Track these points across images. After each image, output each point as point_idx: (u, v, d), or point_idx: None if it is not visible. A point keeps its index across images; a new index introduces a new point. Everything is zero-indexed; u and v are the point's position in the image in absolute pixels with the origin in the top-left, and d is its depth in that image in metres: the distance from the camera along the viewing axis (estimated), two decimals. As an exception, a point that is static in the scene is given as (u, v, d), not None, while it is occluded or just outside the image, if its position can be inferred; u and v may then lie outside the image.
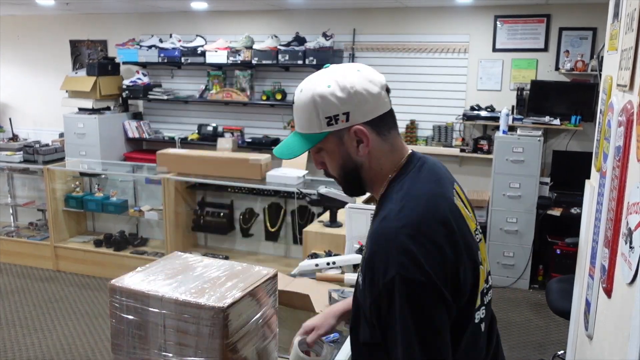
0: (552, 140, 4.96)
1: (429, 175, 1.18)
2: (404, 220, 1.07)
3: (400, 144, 1.21)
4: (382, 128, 1.16)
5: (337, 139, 1.16)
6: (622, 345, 1.39)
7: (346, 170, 1.20)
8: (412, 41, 5.21)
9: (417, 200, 1.11)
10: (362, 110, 1.13)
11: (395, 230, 1.06)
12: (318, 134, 1.15)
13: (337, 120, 1.13)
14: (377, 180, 1.20)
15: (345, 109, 1.13)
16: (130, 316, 1.28)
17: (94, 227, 5.55)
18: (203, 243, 5.27)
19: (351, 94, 1.12)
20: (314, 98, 1.14)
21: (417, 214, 1.08)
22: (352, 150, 1.16)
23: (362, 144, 1.15)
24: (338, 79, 1.14)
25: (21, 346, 3.74)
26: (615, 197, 1.59)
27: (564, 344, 3.42)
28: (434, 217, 1.08)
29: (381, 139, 1.17)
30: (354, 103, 1.12)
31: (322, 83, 1.14)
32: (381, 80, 1.17)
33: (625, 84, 1.59)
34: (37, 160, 5.22)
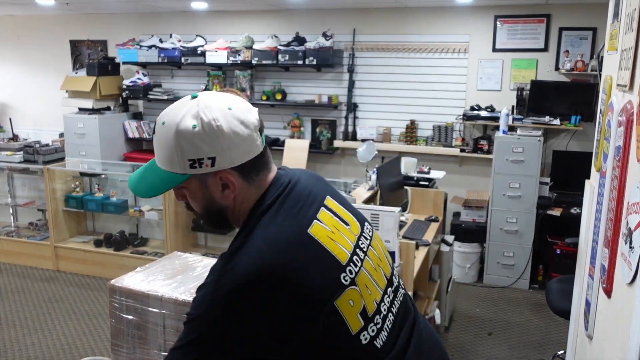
0: (552, 140, 4.96)
1: (286, 212, 1.11)
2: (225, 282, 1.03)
3: (265, 182, 1.14)
4: (250, 172, 1.10)
5: (201, 181, 1.08)
6: (622, 345, 1.39)
7: (209, 211, 1.14)
8: (412, 41, 5.22)
9: (258, 252, 1.05)
10: (230, 156, 1.05)
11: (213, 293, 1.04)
12: (180, 175, 1.07)
13: (201, 164, 1.05)
14: (242, 217, 1.15)
15: (211, 153, 1.04)
16: (130, 316, 1.28)
17: (94, 227, 5.55)
18: (203, 243, 5.27)
19: (218, 138, 1.03)
20: (177, 137, 1.04)
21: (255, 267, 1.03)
22: (216, 194, 1.10)
23: (228, 189, 1.09)
24: (205, 118, 1.04)
25: (21, 346, 3.74)
26: (615, 197, 1.59)
27: (564, 344, 3.42)
28: (257, 273, 1.02)
29: (248, 183, 1.10)
30: (221, 148, 1.04)
31: (187, 121, 1.04)
32: (253, 120, 1.08)
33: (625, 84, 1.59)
34: (37, 160, 5.21)
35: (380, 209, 2.59)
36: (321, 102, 5.47)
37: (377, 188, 3.64)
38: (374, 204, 3.59)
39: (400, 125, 5.34)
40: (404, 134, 5.32)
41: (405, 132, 5.32)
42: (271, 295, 1.01)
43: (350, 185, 4.38)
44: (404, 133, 5.33)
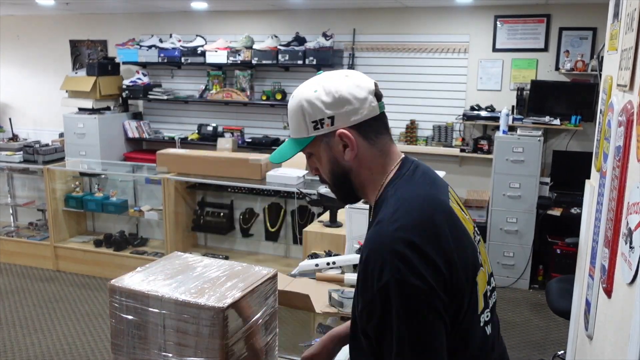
0: (552, 140, 4.96)
1: (423, 179, 1.17)
2: (398, 224, 1.05)
3: (391, 149, 1.20)
4: (369, 133, 1.16)
5: (325, 143, 1.17)
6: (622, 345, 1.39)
7: (336, 175, 1.20)
8: (412, 41, 5.21)
9: (411, 204, 1.09)
10: (347, 115, 1.13)
11: (390, 234, 1.04)
12: (306, 138, 1.18)
13: (322, 124, 1.15)
14: (369, 185, 1.19)
15: (330, 112, 1.13)
16: (130, 316, 1.27)
17: (94, 227, 5.55)
18: (203, 243, 5.27)
19: (336, 98, 1.13)
20: (302, 103, 1.16)
21: (411, 218, 1.06)
22: (339, 155, 1.16)
23: (348, 148, 1.15)
24: (325, 84, 1.15)
25: (21, 346, 3.74)
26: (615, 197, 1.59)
27: (564, 344, 3.42)
28: (428, 222, 1.06)
29: (368, 144, 1.16)
30: (338, 107, 1.13)
31: (310, 88, 1.16)
32: (369, 85, 1.17)
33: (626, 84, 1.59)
34: (37, 160, 5.21)
35: (380, 209, 2.59)
36: (321, 102, 5.46)
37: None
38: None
39: (400, 125, 5.34)
40: (404, 134, 5.32)
41: (405, 132, 5.32)
42: (440, 248, 1.04)
43: (350, 185, 4.38)
44: (404, 133, 5.33)
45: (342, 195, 1.25)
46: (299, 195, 4.30)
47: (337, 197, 1.27)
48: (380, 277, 1.01)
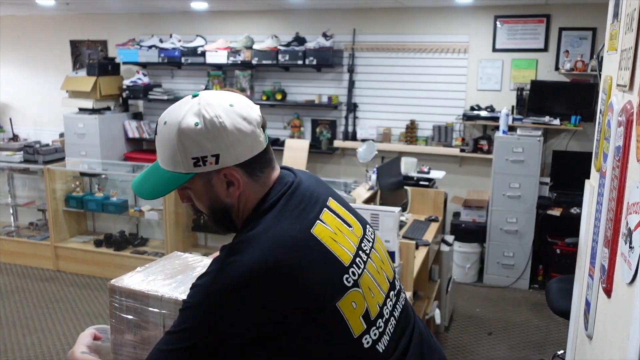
0: (552, 140, 4.96)
1: (287, 208, 1.10)
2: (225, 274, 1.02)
3: (270, 180, 1.13)
4: (255, 169, 1.09)
5: (205, 180, 1.08)
6: (622, 345, 1.39)
7: (215, 211, 1.14)
8: (412, 41, 5.22)
9: (253, 249, 1.03)
10: (234, 152, 1.05)
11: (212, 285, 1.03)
12: (184, 174, 1.07)
13: (205, 162, 1.04)
14: (243, 219, 1.15)
15: (215, 151, 1.03)
16: (130, 316, 1.28)
17: (94, 227, 5.55)
18: (203, 243, 5.27)
19: (221, 135, 1.03)
20: (180, 136, 1.03)
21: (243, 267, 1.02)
22: (221, 192, 1.09)
23: (233, 186, 1.08)
24: (207, 115, 1.03)
25: (21, 346, 3.74)
26: (615, 197, 1.59)
27: (563, 344, 3.42)
28: (261, 270, 1.01)
29: (253, 180, 1.10)
30: (224, 145, 1.03)
31: (190, 119, 1.03)
32: (256, 116, 1.09)
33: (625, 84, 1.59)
34: (37, 160, 5.22)
35: (380, 209, 2.59)
36: (321, 102, 5.47)
37: (377, 188, 3.65)
38: (374, 204, 3.59)
39: (400, 125, 5.34)
40: (404, 134, 5.32)
41: (405, 132, 5.32)
42: (272, 293, 1.00)
43: (350, 185, 4.38)
44: (404, 133, 5.33)
45: (219, 227, 1.18)
46: (299, 195, 4.29)
47: (214, 226, 1.20)
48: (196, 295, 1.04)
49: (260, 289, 1.00)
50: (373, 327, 1.10)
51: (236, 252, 1.04)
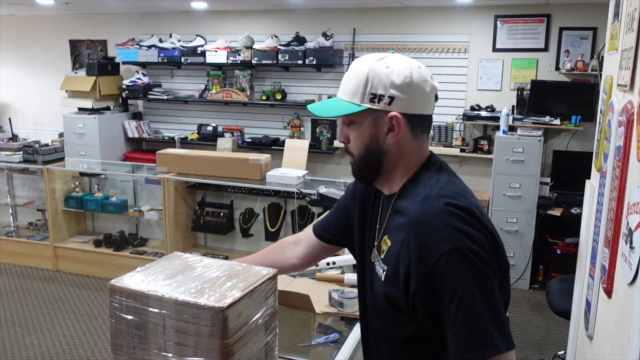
0: (553, 140, 4.96)
1: (452, 173, 1.23)
2: (448, 200, 1.10)
3: (426, 146, 1.23)
4: (416, 127, 1.18)
5: (373, 118, 1.16)
6: (623, 346, 1.39)
7: (370, 152, 1.20)
8: (412, 41, 5.21)
9: (454, 186, 1.15)
10: (407, 102, 1.15)
11: (441, 208, 1.08)
12: (358, 105, 1.16)
13: (380, 100, 1.14)
14: (398, 173, 1.21)
15: (393, 93, 1.14)
16: (129, 316, 1.27)
17: (93, 227, 5.55)
18: (203, 243, 5.27)
19: (405, 83, 1.14)
20: (370, 71, 1.14)
21: (458, 196, 1.12)
22: (381, 135, 1.17)
23: (393, 132, 1.16)
24: (399, 65, 1.15)
25: (21, 346, 3.73)
26: (616, 197, 1.59)
27: (564, 344, 3.42)
28: (471, 199, 1.14)
29: (412, 136, 1.18)
30: (403, 91, 1.14)
31: (383, 63, 1.15)
32: (434, 84, 1.19)
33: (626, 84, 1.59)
34: (36, 160, 5.21)
35: (380, 209, 2.58)
36: (321, 102, 5.46)
37: (377, 188, 3.64)
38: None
39: (400, 125, 5.33)
40: (404, 134, 5.31)
41: (405, 132, 5.31)
42: (482, 215, 1.12)
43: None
44: (404, 133, 5.32)
45: (362, 172, 1.25)
46: (299, 195, 4.30)
47: (355, 172, 1.26)
48: (438, 249, 1.04)
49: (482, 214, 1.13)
50: None
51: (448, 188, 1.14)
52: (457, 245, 1.04)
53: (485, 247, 1.06)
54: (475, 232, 1.06)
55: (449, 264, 1.03)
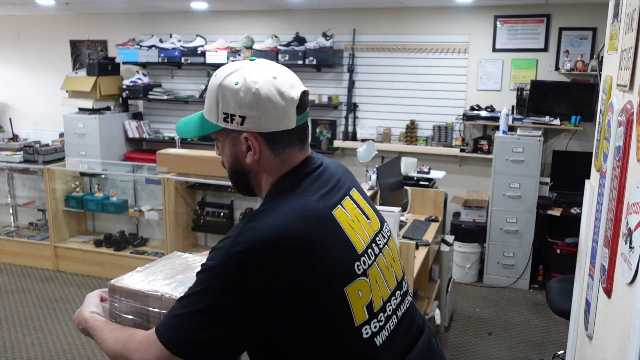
0: (552, 140, 4.96)
1: (311, 186, 1.14)
2: (243, 239, 1.05)
3: (295, 159, 1.16)
4: (276, 143, 1.13)
5: (231, 138, 1.15)
6: (622, 346, 1.39)
7: (234, 171, 1.20)
8: (412, 41, 5.21)
9: (278, 214, 1.08)
10: (259, 120, 1.10)
11: (230, 248, 1.06)
12: (214, 124, 1.15)
13: (232, 119, 1.11)
14: (264, 188, 1.19)
15: (243, 112, 1.09)
16: (130, 316, 1.27)
17: (94, 227, 5.55)
18: (203, 243, 5.27)
19: (253, 100, 1.09)
20: (219, 89, 1.12)
21: (267, 232, 1.05)
22: (241, 154, 1.15)
23: (251, 152, 1.13)
24: (249, 78, 1.10)
25: (21, 346, 3.74)
26: (615, 197, 1.59)
27: (564, 344, 3.42)
28: (285, 234, 1.05)
29: (272, 154, 1.14)
30: (252, 110, 1.09)
31: (233, 78, 1.11)
32: (294, 95, 1.11)
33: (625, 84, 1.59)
34: (37, 160, 5.21)
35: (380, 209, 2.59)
36: (321, 102, 5.47)
37: (377, 188, 3.65)
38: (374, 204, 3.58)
39: (400, 125, 5.34)
40: (404, 134, 5.32)
41: (405, 132, 5.32)
42: (287, 262, 1.03)
43: (350, 185, 4.38)
44: (403, 133, 5.33)
45: (238, 188, 1.25)
46: (299, 195, 4.29)
47: (234, 187, 1.26)
48: (214, 258, 1.07)
49: (276, 255, 1.03)
50: (374, 319, 1.13)
51: (256, 219, 1.08)
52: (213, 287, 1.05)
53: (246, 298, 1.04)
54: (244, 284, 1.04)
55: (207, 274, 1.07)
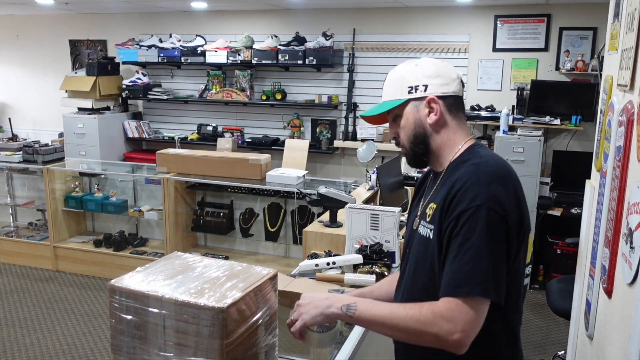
0: (553, 140, 4.96)
1: (495, 154, 1.38)
2: (492, 168, 1.26)
3: (466, 128, 1.42)
4: (452, 106, 1.38)
5: (414, 107, 1.37)
6: (623, 346, 1.39)
7: (417, 136, 1.38)
8: (412, 41, 5.21)
9: (498, 160, 1.31)
10: (439, 85, 1.36)
11: (486, 173, 1.24)
12: (399, 99, 1.38)
13: (416, 89, 1.36)
14: (445, 149, 1.38)
15: (425, 81, 1.36)
16: (129, 316, 1.27)
17: (93, 227, 5.55)
18: (203, 243, 5.27)
19: (433, 71, 1.37)
20: (403, 71, 1.40)
21: (501, 167, 1.28)
22: (423, 117, 1.37)
23: (432, 113, 1.36)
24: (424, 61, 1.39)
25: (21, 346, 3.73)
26: (616, 197, 1.59)
27: (564, 344, 3.42)
28: (512, 175, 1.28)
29: (450, 115, 1.38)
30: (433, 78, 1.36)
31: (411, 63, 1.40)
32: (458, 72, 1.41)
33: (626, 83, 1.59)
34: (36, 160, 5.21)
35: (380, 209, 2.59)
36: (321, 102, 5.46)
37: (377, 188, 3.64)
38: (374, 204, 3.59)
39: (400, 125, 5.33)
40: (404, 134, 5.31)
41: (405, 132, 5.31)
42: (516, 186, 1.27)
43: (350, 185, 4.38)
44: (404, 133, 5.32)
45: (415, 157, 1.42)
46: (299, 195, 4.30)
47: (410, 159, 1.44)
48: (473, 199, 1.21)
49: (518, 191, 1.27)
50: (528, 266, 1.37)
51: (480, 159, 1.30)
52: (487, 204, 1.19)
53: (510, 213, 1.20)
54: (506, 197, 1.21)
55: (474, 215, 1.19)
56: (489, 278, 1.17)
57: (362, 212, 2.48)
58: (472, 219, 1.19)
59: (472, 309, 1.16)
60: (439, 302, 1.20)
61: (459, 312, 1.16)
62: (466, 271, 1.17)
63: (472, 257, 1.17)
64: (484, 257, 1.17)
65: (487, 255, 1.17)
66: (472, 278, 1.17)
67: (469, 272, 1.17)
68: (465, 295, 1.17)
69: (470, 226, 1.19)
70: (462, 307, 1.16)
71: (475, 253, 1.17)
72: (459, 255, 1.19)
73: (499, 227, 1.19)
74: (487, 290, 1.17)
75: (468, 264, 1.18)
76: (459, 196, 1.23)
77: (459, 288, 1.17)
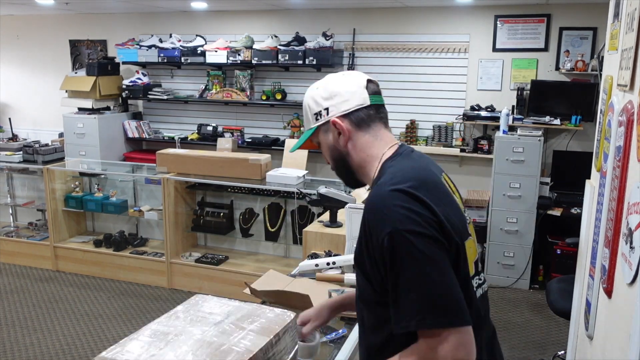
0: (553, 140, 4.96)
1: (418, 158, 1.30)
2: (394, 185, 1.14)
3: (386, 136, 1.33)
4: (361, 121, 1.31)
5: (324, 132, 1.35)
6: (623, 346, 1.39)
7: (335, 160, 1.37)
8: (412, 41, 5.21)
9: (408, 171, 1.21)
10: (338, 105, 1.31)
11: (386, 193, 1.14)
12: (311, 129, 1.37)
13: (320, 115, 1.34)
14: (366, 166, 1.32)
15: (325, 104, 1.33)
16: None
17: (93, 227, 5.55)
18: (203, 243, 5.27)
19: (329, 92, 1.33)
20: (308, 98, 1.37)
21: (407, 178, 1.16)
22: (335, 141, 1.33)
23: (341, 134, 1.31)
24: (324, 82, 1.36)
25: (21, 346, 3.73)
26: (616, 197, 1.59)
27: (564, 344, 3.42)
28: (422, 180, 1.17)
29: (361, 130, 1.31)
30: (331, 99, 1.32)
31: (314, 87, 1.37)
32: (361, 81, 1.34)
33: (626, 83, 1.59)
34: (36, 160, 5.21)
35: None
36: (321, 102, 5.46)
37: (377, 188, 3.63)
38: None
39: (400, 125, 5.33)
40: (404, 134, 5.32)
41: (405, 132, 5.31)
42: (428, 197, 1.13)
43: (350, 185, 4.37)
44: (404, 133, 5.32)
45: (344, 178, 1.41)
46: (299, 195, 4.30)
47: (343, 181, 1.43)
48: (381, 231, 1.10)
49: (430, 194, 1.14)
50: (476, 277, 1.25)
51: (382, 180, 1.20)
52: (397, 227, 1.08)
53: (426, 227, 1.09)
54: (416, 212, 1.10)
55: (389, 248, 1.09)
56: (423, 306, 1.07)
57: (361, 212, 2.48)
58: (390, 256, 1.09)
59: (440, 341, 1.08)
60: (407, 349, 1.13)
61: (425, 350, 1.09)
62: (397, 308, 1.10)
63: (399, 292, 1.09)
64: (410, 288, 1.08)
65: (412, 283, 1.08)
66: (404, 314, 1.08)
67: (399, 309, 1.09)
68: (424, 329, 1.09)
69: (392, 265, 1.09)
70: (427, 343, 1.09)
71: (402, 284, 1.08)
72: (391, 292, 1.11)
73: (421, 247, 1.08)
74: (423, 320, 1.07)
75: (397, 300, 1.10)
76: (368, 229, 1.14)
77: (395, 326, 1.10)
